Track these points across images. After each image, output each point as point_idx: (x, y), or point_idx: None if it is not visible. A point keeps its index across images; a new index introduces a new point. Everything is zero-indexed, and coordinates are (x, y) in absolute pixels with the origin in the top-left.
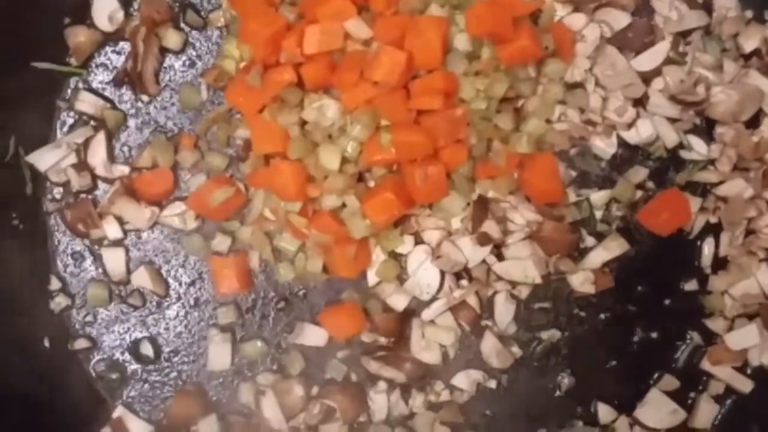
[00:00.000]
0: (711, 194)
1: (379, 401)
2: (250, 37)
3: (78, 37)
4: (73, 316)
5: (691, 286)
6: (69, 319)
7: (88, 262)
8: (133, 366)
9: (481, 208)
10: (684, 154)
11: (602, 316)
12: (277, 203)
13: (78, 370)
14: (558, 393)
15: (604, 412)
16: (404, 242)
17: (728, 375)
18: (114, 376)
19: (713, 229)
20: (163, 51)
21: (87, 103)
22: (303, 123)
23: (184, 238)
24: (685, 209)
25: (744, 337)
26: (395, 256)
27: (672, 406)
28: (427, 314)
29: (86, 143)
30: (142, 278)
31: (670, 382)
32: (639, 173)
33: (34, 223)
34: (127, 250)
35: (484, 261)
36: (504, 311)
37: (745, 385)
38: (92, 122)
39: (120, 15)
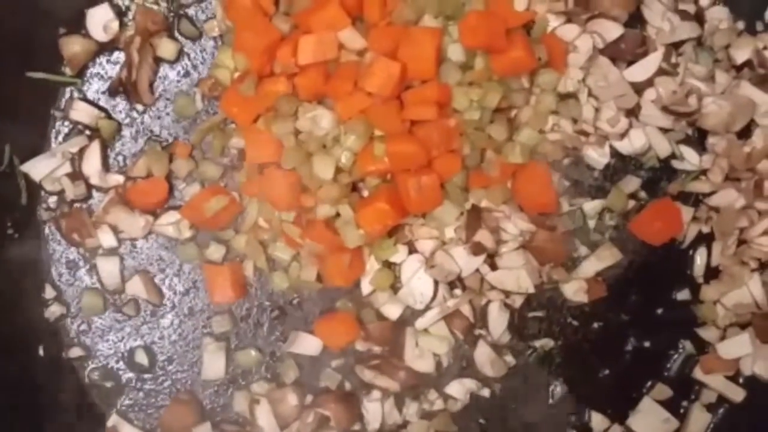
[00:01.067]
0: (703, 204)
1: (373, 410)
2: (245, 47)
3: (73, 47)
4: (67, 325)
5: (683, 295)
6: (64, 328)
7: (83, 271)
8: (128, 374)
9: (475, 217)
10: (676, 164)
11: (595, 325)
12: (271, 213)
13: (73, 378)
14: (551, 401)
15: (597, 420)
16: (398, 251)
17: (720, 384)
18: (108, 384)
19: (705, 239)
20: (158, 61)
21: (82, 112)
22: (297, 133)
23: (179, 247)
24: (678, 219)
25: (736, 347)
26: (389, 265)
27: (664, 415)
28: (420, 323)
29: (81, 152)
30: (136, 287)
31: (663, 390)
32: (631, 183)
33: (29, 232)
34: (122, 259)
35: (477, 270)
36: (498, 320)
37: (737, 395)
38: (87, 132)
39: (115, 25)
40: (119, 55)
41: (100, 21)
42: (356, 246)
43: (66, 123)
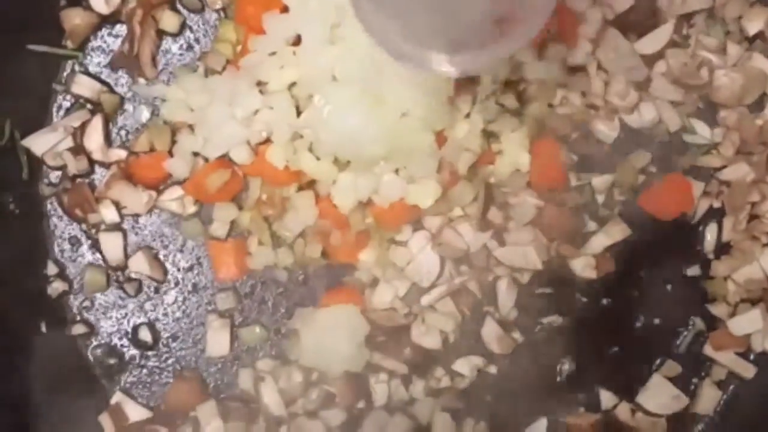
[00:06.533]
0: (714, 179)
1: (380, 387)
2: (247, 20)
3: (74, 19)
4: (70, 302)
5: (693, 271)
6: (66, 305)
7: (86, 246)
8: (132, 351)
9: (488, 194)
10: (687, 138)
11: (604, 301)
12: (272, 189)
13: (76, 355)
14: (559, 379)
15: (606, 397)
16: (402, 230)
17: (731, 360)
18: (112, 361)
19: (716, 214)
20: (160, 34)
21: (83, 86)
22: None
23: (183, 223)
24: (688, 194)
25: (747, 323)
26: (394, 243)
27: (674, 392)
28: (426, 300)
29: (83, 127)
30: (139, 263)
31: (673, 367)
32: (641, 157)
33: (31, 207)
34: (125, 235)
35: (484, 246)
36: (507, 296)
37: (747, 371)
38: (89, 106)
39: None
40: (121, 28)
41: None
42: (363, 229)
43: (67, 97)
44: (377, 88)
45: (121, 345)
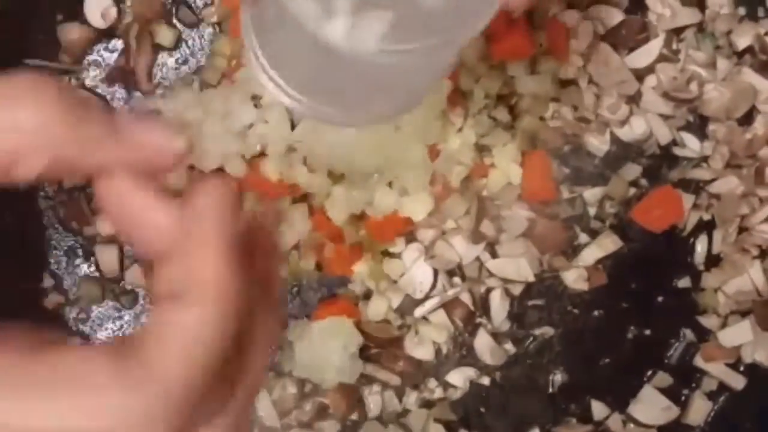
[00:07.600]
0: (704, 191)
1: (373, 399)
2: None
3: (71, 34)
4: (66, 314)
5: (684, 283)
6: (63, 317)
7: (81, 259)
8: None
9: (480, 206)
10: (677, 151)
11: (595, 313)
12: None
13: None
14: (551, 390)
15: (598, 409)
16: (396, 243)
17: (721, 372)
18: None
19: (706, 227)
20: (156, 48)
21: None
22: None
23: None
24: (678, 206)
25: (737, 334)
26: (388, 255)
27: (665, 403)
28: (419, 311)
29: None
30: (135, 275)
31: (664, 379)
32: (632, 170)
33: (27, 220)
34: (121, 247)
35: (477, 258)
36: (499, 308)
37: (738, 382)
38: None
39: (113, 12)
40: (117, 43)
41: (98, 8)
42: (356, 241)
43: None
44: None
45: None
